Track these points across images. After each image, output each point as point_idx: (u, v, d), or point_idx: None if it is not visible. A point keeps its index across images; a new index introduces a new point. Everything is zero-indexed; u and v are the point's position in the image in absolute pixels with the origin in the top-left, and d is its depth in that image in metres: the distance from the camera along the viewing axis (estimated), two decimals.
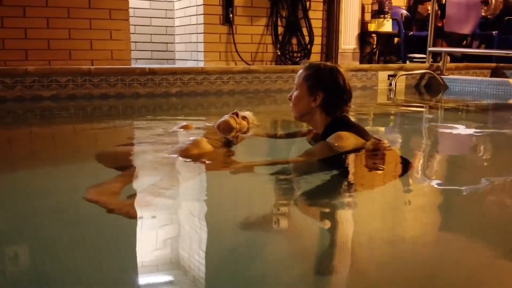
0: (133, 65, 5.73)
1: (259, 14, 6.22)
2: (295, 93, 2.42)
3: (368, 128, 2.77)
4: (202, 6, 5.86)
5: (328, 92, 2.34)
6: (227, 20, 5.99)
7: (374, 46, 7.25)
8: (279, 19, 6.31)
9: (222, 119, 2.88)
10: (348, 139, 2.31)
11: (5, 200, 1.78)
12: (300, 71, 2.43)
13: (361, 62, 6.92)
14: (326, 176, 2.12)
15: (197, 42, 6.08)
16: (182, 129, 2.96)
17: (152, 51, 6.74)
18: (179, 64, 6.50)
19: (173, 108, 4.59)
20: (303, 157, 2.33)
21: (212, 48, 5.96)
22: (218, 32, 5.99)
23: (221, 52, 6.03)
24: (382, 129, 3.66)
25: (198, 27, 6.03)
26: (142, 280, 1.21)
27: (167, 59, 6.78)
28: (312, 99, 2.36)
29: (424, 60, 6.84)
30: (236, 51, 6.04)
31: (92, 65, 5.18)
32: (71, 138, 3.19)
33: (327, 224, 1.61)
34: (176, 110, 4.55)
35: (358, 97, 5.87)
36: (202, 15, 5.89)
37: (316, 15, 6.57)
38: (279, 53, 6.30)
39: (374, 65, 6.59)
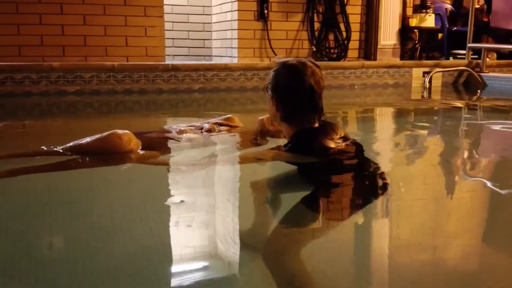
0: (170, 62, 5.80)
1: (295, 10, 6.14)
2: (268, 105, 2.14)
3: (387, 125, 2.68)
4: (237, 2, 5.85)
5: (283, 97, 1.98)
6: (262, 16, 5.94)
7: (416, 42, 7.01)
8: (315, 14, 6.21)
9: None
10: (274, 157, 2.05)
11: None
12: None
13: (401, 59, 6.70)
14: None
15: (231, 38, 6.07)
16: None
17: (189, 47, 6.79)
18: (215, 61, 6.51)
19: (195, 104, 4.60)
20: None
21: (246, 45, 5.94)
22: (252, 28, 5.96)
23: (255, 49, 5.99)
24: (402, 126, 3.52)
25: (232, 23, 6.02)
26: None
27: (204, 56, 6.81)
28: (272, 104, 2.02)
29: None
30: (271, 47, 5.98)
31: (127, 62, 5.28)
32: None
33: None
34: (199, 106, 4.56)
35: (390, 95, 5.71)
36: (237, 11, 5.87)
37: (354, 10, 6.42)
38: (314, 49, 6.20)
39: (407, 62, 6.37)
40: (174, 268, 1.27)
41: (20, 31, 5.03)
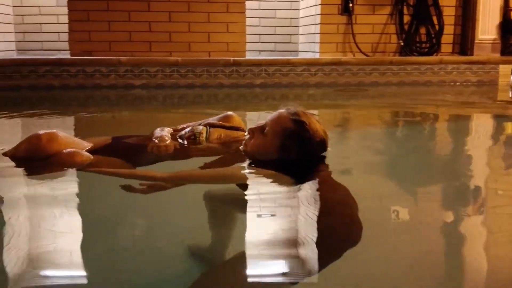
0: (256, 57, 5.87)
1: (383, 2, 5.89)
2: (259, 139, 1.87)
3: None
4: None
5: (301, 155, 1.85)
6: (346, 9, 5.78)
7: None
8: (405, 7, 5.91)
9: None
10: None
11: None
12: (283, 114, 1.86)
13: (503, 54, 6.16)
14: None
15: (314, 33, 5.98)
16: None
17: (275, 43, 6.79)
18: (301, 56, 6.46)
19: (256, 99, 4.60)
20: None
21: (328, 39, 5.81)
22: (335, 23, 5.81)
23: (338, 43, 5.84)
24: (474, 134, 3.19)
25: (316, 17, 5.92)
26: None
27: (290, 51, 6.78)
28: (280, 155, 1.85)
29: None
30: (355, 42, 5.80)
31: (209, 57, 5.42)
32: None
33: None
34: (259, 101, 4.55)
35: (471, 94, 5.26)
36: (320, 5, 5.77)
37: (449, 1, 6.01)
38: (402, 43, 5.91)
39: (493, 57, 5.83)
40: None
41: (110, 27, 5.36)
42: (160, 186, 1.66)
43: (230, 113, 2.22)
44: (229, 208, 1.68)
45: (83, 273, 1.21)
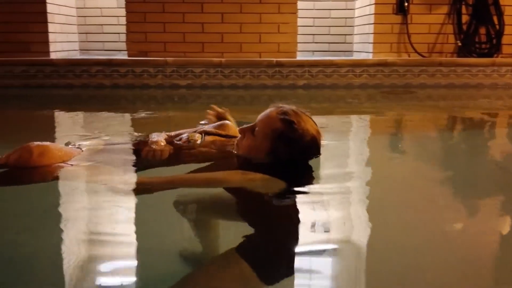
0: (309, 58, 5.86)
1: (440, 2, 5.70)
2: (249, 139, 1.85)
3: None
4: None
5: (292, 156, 1.81)
6: (401, 9, 5.64)
7: None
8: (463, 6, 5.69)
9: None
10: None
11: None
12: (272, 114, 1.82)
13: None
14: None
15: (368, 33, 5.89)
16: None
17: (329, 43, 6.74)
18: (355, 56, 6.38)
19: (298, 101, 4.57)
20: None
21: (382, 39, 5.70)
22: (390, 22, 5.69)
23: (392, 44, 5.72)
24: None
25: (370, 17, 5.82)
26: None
27: (344, 51, 6.70)
28: (271, 156, 1.82)
29: None
30: (410, 42, 5.66)
31: (260, 57, 5.47)
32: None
33: None
34: (301, 102, 4.51)
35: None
36: (374, 5, 5.67)
37: (510, 1, 5.73)
38: (460, 44, 5.70)
39: None
40: None
41: (166, 29, 5.52)
42: (144, 190, 1.68)
43: (225, 121, 2.27)
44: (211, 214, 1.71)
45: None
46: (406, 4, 5.61)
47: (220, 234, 1.58)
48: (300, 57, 5.75)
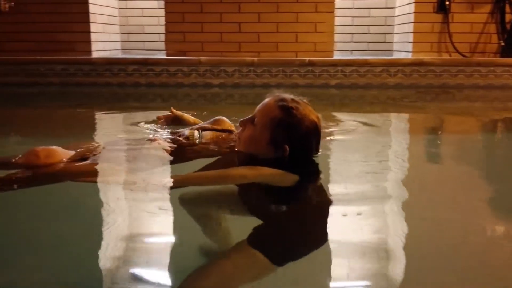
0: (343, 57, 5.80)
1: (483, 0, 5.53)
2: (250, 129, 1.84)
3: None
4: None
5: (295, 146, 1.78)
6: (442, 8, 5.50)
7: None
8: (507, 5, 5.50)
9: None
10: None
11: None
12: (270, 103, 1.82)
13: None
14: None
15: (408, 32, 5.77)
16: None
17: (368, 42, 6.65)
18: (396, 56, 6.27)
19: (330, 100, 4.53)
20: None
21: (422, 39, 5.58)
22: (430, 21, 5.57)
23: (432, 43, 5.59)
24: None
25: (410, 16, 5.71)
26: None
27: (384, 51, 6.59)
28: (273, 150, 1.80)
29: None
30: (451, 41, 5.51)
31: (296, 57, 5.46)
32: None
33: None
34: (333, 102, 4.46)
35: None
36: (414, 4, 5.56)
37: None
38: (503, 44, 5.50)
39: None
40: None
41: (203, 28, 5.59)
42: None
43: (220, 117, 2.34)
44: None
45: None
46: (447, 2, 5.46)
47: (230, 228, 1.59)
48: (338, 56, 5.70)
